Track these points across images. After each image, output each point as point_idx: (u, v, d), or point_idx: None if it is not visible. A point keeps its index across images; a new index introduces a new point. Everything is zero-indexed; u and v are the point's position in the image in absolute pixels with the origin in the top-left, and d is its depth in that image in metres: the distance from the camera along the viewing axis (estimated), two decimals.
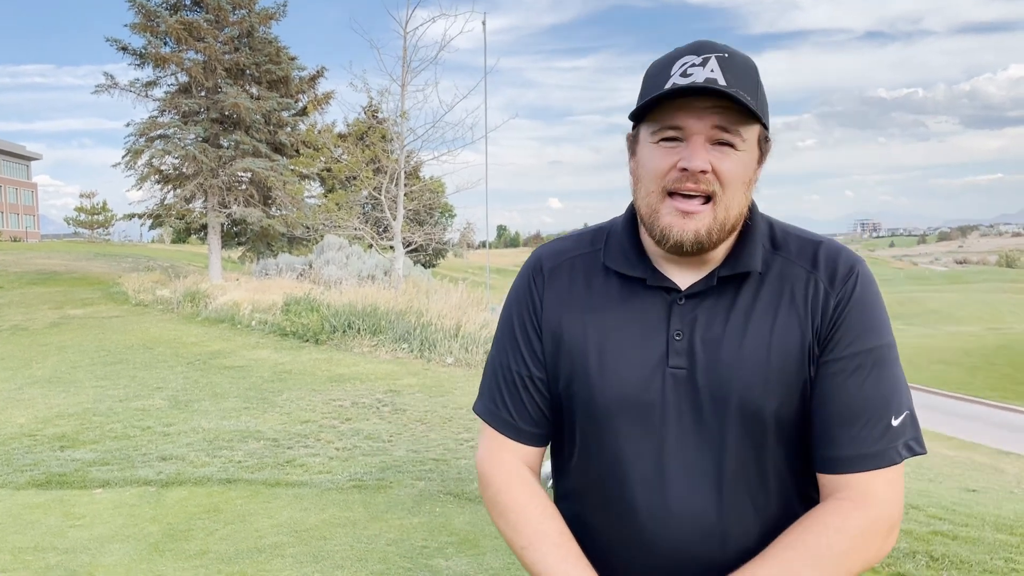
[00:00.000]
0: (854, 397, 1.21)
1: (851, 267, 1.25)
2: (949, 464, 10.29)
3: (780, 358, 1.21)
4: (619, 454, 1.26)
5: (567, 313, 1.32)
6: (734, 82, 1.15)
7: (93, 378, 10.82)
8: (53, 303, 18.65)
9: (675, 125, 1.18)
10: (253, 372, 11.03)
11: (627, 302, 1.29)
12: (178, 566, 4.36)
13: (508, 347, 1.37)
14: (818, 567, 1.14)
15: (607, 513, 1.29)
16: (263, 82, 22.99)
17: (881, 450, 1.20)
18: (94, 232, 53.90)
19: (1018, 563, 4.52)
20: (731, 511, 1.23)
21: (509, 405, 1.36)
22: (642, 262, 1.29)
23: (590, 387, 1.27)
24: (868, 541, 1.17)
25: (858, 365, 1.21)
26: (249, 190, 22.77)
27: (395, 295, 16.18)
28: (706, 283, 1.25)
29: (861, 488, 1.20)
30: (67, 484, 6.03)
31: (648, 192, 1.22)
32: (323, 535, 4.81)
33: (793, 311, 1.23)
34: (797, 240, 1.29)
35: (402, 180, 19.29)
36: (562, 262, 1.36)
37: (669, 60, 1.21)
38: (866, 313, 1.23)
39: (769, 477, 1.25)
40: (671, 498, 1.23)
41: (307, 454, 6.86)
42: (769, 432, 1.23)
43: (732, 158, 1.18)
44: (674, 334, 1.24)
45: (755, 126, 1.20)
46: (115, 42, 21.97)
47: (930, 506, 5.98)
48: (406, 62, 18.98)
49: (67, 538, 4.86)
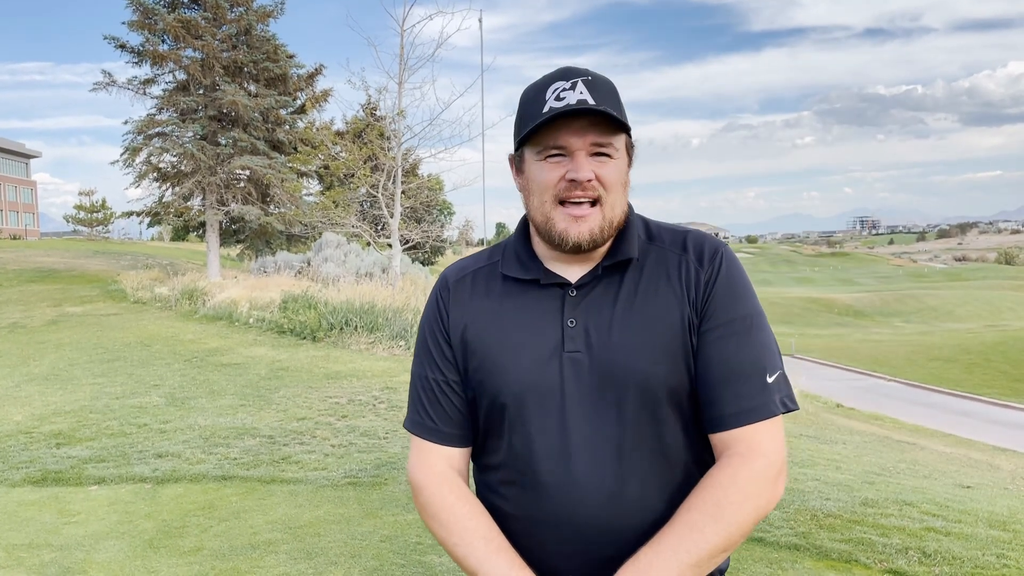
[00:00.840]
0: (732, 358, 1.35)
1: (716, 249, 1.43)
2: (945, 461, 10.30)
3: (664, 332, 1.36)
4: (526, 436, 1.38)
5: (471, 317, 1.46)
6: (601, 100, 1.33)
7: (90, 375, 10.83)
8: (52, 300, 18.66)
9: (559, 144, 1.34)
10: (250, 369, 11.03)
11: (524, 301, 1.44)
12: (172, 563, 4.37)
13: (424, 359, 1.51)
14: (718, 519, 1.27)
15: (519, 495, 1.41)
16: (261, 80, 22.95)
17: (761, 403, 1.34)
18: (93, 230, 53.84)
19: (1010, 559, 4.53)
20: (633, 480, 1.35)
21: (431, 412, 1.49)
22: (535, 265, 1.45)
23: (495, 378, 1.40)
24: (759, 488, 1.30)
25: (733, 331, 1.37)
26: (247, 187, 22.76)
27: (393, 292, 16.19)
28: (592, 274, 1.41)
29: (747, 441, 1.33)
30: (63, 481, 6.04)
31: (541, 203, 1.38)
32: (317, 532, 4.82)
33: (670, 289, 1.39)
34: (669, 232, 1.47)
35: (399, 177, 19.29)
36: (464, 276, 1.52)
37: (540, 87, 1.37)
38: (733, 286, 1.40)
39: (666, 445, 1.37)
40: (576, 472, 1.35)
41: (303, 451, 6.87)
42: (662, 402, 1.36)
43: (609, 165, 1.36)
44: (568, 322, 1.39)
45: (623, 135, 1.38)
46: (113, 40, 21.93)
47: (923, 502, 5.99)
48: (403, 59, 18.99)
49: (62, 535, 4.86)
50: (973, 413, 21.16)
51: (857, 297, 66.69)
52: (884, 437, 12.09)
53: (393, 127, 19.28)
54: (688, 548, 1.25)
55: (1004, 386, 26.50)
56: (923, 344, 34.77)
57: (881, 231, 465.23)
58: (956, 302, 61.53)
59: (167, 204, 22.99)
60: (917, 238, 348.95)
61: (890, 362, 31.09)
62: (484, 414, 1.45)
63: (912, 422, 16.99)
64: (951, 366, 29.98)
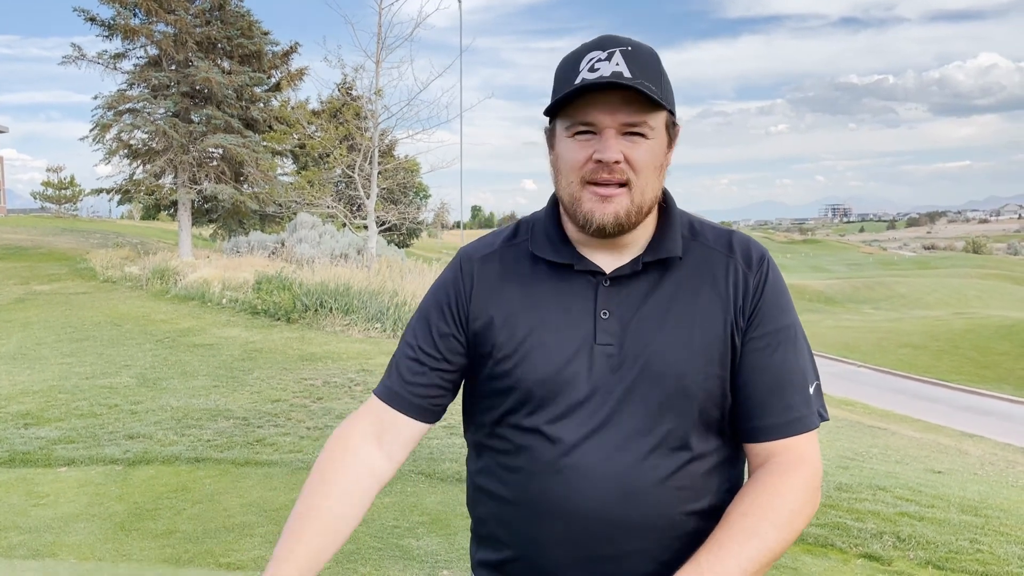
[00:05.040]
0: (780, 368, 1.33)
1: (762, 254, 1.38)
2: (915, 446, 10.44)
3: (704, 334, 1.31)
4: (548, 427, 1.32)
5: (498, 300, 1.38)
6: (638, 73, 1.24)
7: (59, 355, 10.63)
8: (19, 278, 18.30)
9: (587, 120, 1.26)
10: (223, 350, 10.90)
11: (555, 286, 1.36)
12: (144, 545, 4.30)
13: (417, 328, 1.44)
14: (776, 525, 1.23)
15: (526, 482, 1.34)
16: (235, 56, 22.55)
17: (807, 414, 1.33)
18: (61, 207, 52.77)
19: (983, 543, 4.59)
20: (650, 480, 1.30)
21: (405, 376, 1.41)
22: (567, 249, 1.37)
23: (522, 365, 1.33)
24: (810, 496, 1.29)
25: (780, 340, 1.33)
26: (220, 166, 22.40)
27: (368, 274, 16.07)
28: (632, 267, 1.34)
29: (795, 451, 1.31)
30: (31, 462, 5.92)
31: (569, 183, 1.31)
32: None
33: (715, 291, 1.34)
34: (712, 229, 1.41)
35: (376, 158, 19.10)
36: (490, 254, 1.43)
37: (576, 56, 1.29)
38: (780, 294, 1.36)
39: (691, 448, 1.32)
40: (593, 466, 1.30)
41: (277, 433, 6.79)
42: (694, 405, 1.31)
43: (642, 146, 1.27)
44: (601, 313, 1.33)
45: (662, 113, 1.29)
46: (83, 12, 21.39)
47: (897, 487, 6.06)
48: (381, 38, 18.78)
49: (31, 517, 4.77)
50: (941, 399, 21.49)
51: (828, 284, 67.32)
52: (856, 422, 12.23)
53: (370, 107, 19.08)
54: (749, 553, 1.21)
55: (972, 373, 26.93)
56: (893, 331, 35.24)
57: (852, 219, 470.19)
58: (925, 290, 62.34)
59: (138, 182, 22.55)
60: (887, 226, 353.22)
61: (860, 348, 31.48)
62: (505, 400, 1.37)
63: (882, 407, 17.22)
64: (920, 353, 30.40)
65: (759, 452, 1.34)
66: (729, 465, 1.38)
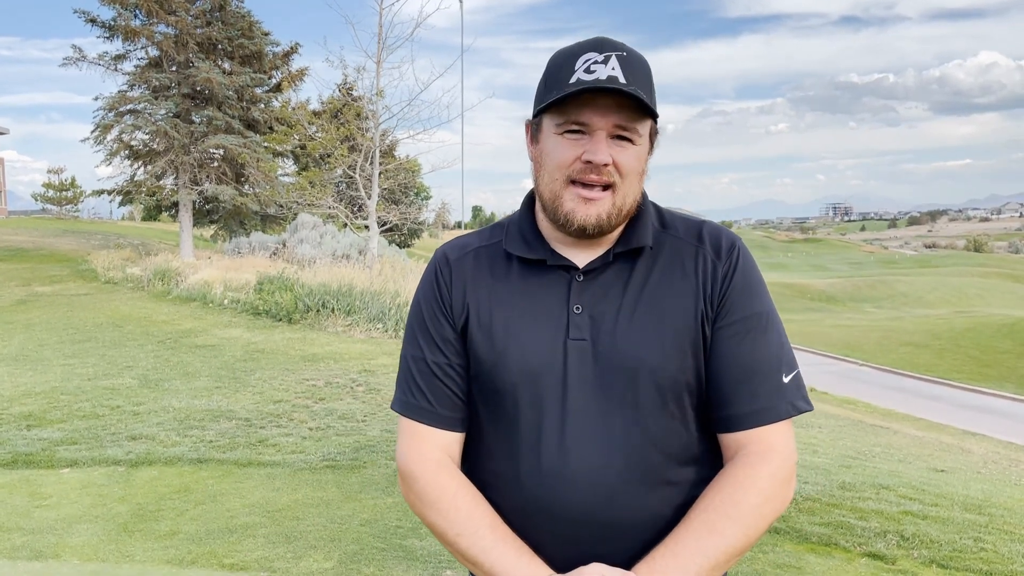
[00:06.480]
0: (748, 357, 1.31)
1: (732, 242, 1.37)
2: (918, 445, 10.43)
3: (676, 325, 1.31)
4: (524, 425, 1.33)
5: (473, 297, 1.39)
6: (632, 80, 1.25)
7: (61, 356, 10.64)
8: (20, 280, 18.31)
9: (580, 121, 1.27)
10: (225, 351, 10.90)
11: (529, 282, 1.37)
12: (147, 546, 4.30)
13: (420, 338, 1.43)
14: (738, 521, 1.23)
15: (511, 485, 1.34)
16: (236, 57, 22.57)
17: (778, 403, 1.31)
18: (62, 209, 52.73)
19: (987, 542, 4.58)
20: (633, 475, 1.30)
21: (426, 393, 1.40)
22: (541, 245, 1.38)
23: (496, 362, 1.34)
24: (776, 490, 1.28)
25: (749, 328, 1.32)
26: (221, 167, 22.42)
27: (370, 275, 16.07)
28: (603, 260, 1.35)
29: (762, 442, 1.30)
30: (34, 464, 5.92)
31: (552, 180, 1.31)
32: (295, 515, 4.77)
33: (685, 281, 1.34)
34: (683, 221, 1.42)
35: (377, 158, 19.10)
36: (465, 254, 1.44)
37: (571, 55, 1.29)
38: (750, 282, 1.35)
39: (669, 441, 1.32)
40: (574, 464, 1.29)
41: (279, 434, 6.79)
42: (668, 397, 1.31)
43: (630, 151, 1.29)
44: (574, 308, 1.33)
45: (648, 121, 1.30)
46: (83, 14, 21.42)
47: (900, 486, 6.05)
48: (382, 39, 18.75)
49: (33, 518, 4.77)
50: (943, 398, 21.49)
51: (830, 283, 67.38)
52: (858, 421, 12.23)
53: (371, 107, 19.07)
54: (707, 550, 1.22)
55: (973, 371, 26.93)
56: (894, 329, 35.24)
57: (853, 218, 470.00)
58: (926, 288, 62.33)
59: (139, 183, 22.58)
60: (888, 225, 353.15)
61: (862, 347, 31.48)
62: (481, 399, 1.39)
63: (884, 406, 17.22)
64: (922, 351, 30.40)
65: (730, 443, 1.33)
66: (713, 458, 1.36)
